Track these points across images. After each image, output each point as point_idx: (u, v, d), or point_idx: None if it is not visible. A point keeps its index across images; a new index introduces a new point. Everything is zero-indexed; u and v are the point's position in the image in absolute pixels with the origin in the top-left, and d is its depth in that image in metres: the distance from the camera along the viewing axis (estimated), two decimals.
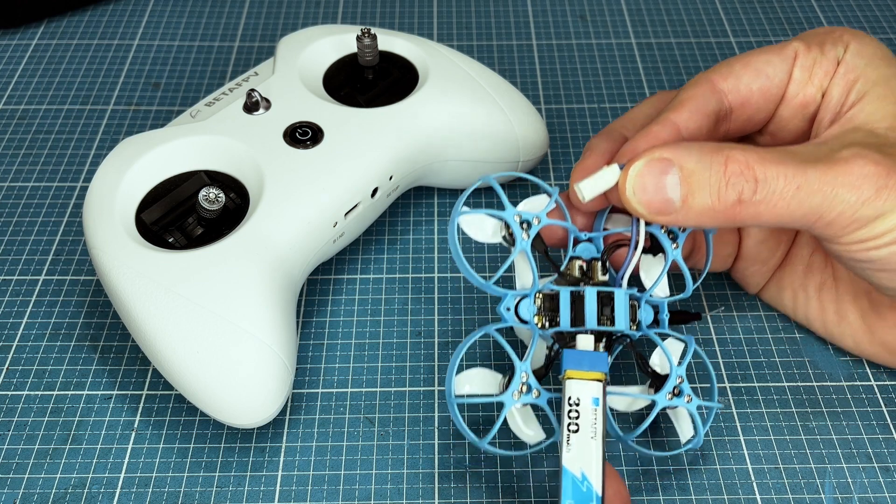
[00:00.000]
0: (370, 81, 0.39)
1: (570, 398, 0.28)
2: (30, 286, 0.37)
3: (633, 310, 0.30)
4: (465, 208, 0.30)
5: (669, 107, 0.30)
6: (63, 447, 0.32)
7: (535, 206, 0.31)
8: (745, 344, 0.35)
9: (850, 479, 0.31)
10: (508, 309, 0.30)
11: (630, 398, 0.31)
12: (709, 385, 0.33)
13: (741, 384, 0.33)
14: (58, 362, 0.34)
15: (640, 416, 0.33)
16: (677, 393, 0.30)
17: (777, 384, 0.34)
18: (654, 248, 0.31)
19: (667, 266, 0.31)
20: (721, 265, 0.35)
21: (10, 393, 0.33)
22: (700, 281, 0.32)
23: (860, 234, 0.27)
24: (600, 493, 0.26)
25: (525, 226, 0.30)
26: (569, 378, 0.28)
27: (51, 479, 0.31)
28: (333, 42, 0.40)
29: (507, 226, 0.30)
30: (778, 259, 0.34)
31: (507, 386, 0.29)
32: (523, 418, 0.30)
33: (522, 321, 0.30)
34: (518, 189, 0.41)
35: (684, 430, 0.31)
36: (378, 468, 0.31)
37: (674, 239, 0.30)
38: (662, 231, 0.30)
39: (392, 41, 0.40)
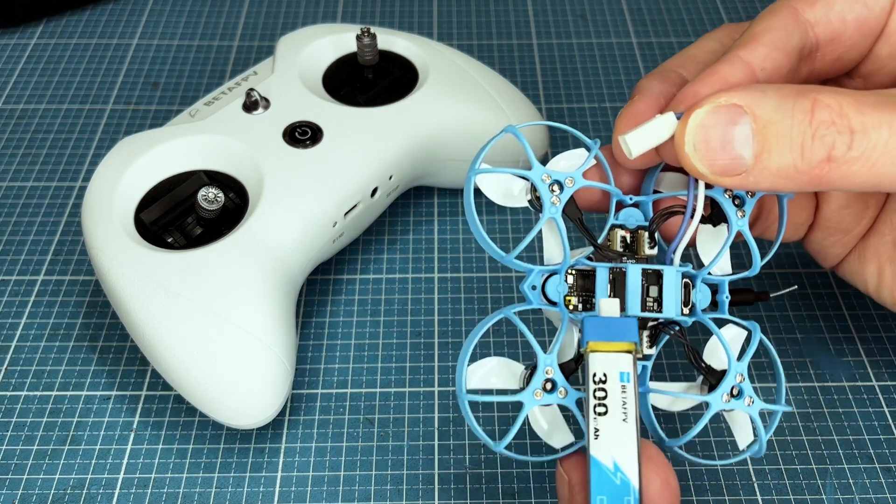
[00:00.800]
0: (370, 81, 0.39)
1: (594, 375, 0.23)
2: (29, 286, 0.37)
3: (686, 290, 0.26)
4: (485, 165, 0.26)
5: (740, 41, 0.25)
6: (62, 448, 0.32)
7: (570, 164, 0.26)
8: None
9: (851, 480, 0.31)
10: (534, 287, 0.25)
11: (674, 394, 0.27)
12: (768, 378, 0.29)
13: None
14: (57, 362, 0.34)
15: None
16: (736, 394, 0.25)
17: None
18: (714, 216, 0.26)
19: (730, 239, 0.25)
20: (792, 234, 0.30)
21: (8, 393, 0.33)
22: (770, 256, 0.27)
23: None
24: (637, 485, 0.22)
25: (556, 188, 0.25)
26: (592, 351, 0.23)
27: (49, 480, 0.31)
28: (333, 41, 0.40)
29: (534, 188, 0.25)
30: (864, 227, 0.29)
31: (528, 381, 0.25)
32: (547, 420, 0.26)
33: (551, 302, 0.26)
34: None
35: (741, 433, 0.26)
36: (378, 469, 0.31)
37: (740, 205, 0.25)
38: (726, 196, 0.25)
39: (392, 40, 0.40)
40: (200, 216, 0.33)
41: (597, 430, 0.22)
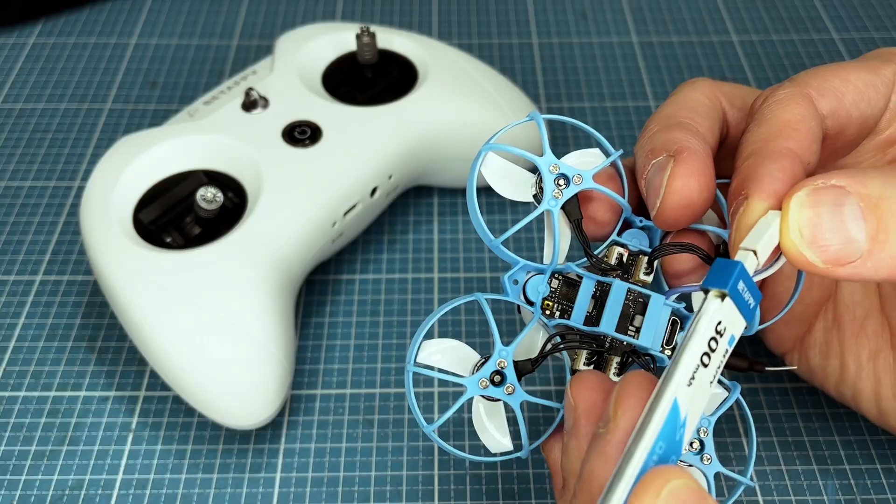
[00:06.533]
0: (369, 80, 0.39)
1: (719, 322, 0.20)
2: (27, 286, 0.37)
3: (673, 329, 0.24)
4: (500, 141, 0.24)
5: (779, 132, 0.22)
6: (60, 448, 0.31)
7: (585, 163, 0.24)
8: (746, 343, 0.35)
9: (852, 481, 0.31)
10: (516, 282, 0.24)
11: None
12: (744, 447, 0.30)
13: (742, 384, 0.33)
14: (55, 363, 0.34)
15: None
16: (696, 448, 0.23)
17: (779, 385, 0.33)
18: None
19: None
20: (784, 344, 0.30)
21: (7, 394, 0.33)
22: (777, 318, 0.25)
23: None
24: (685, 449, 0.19)
25: (562, 181, 0.23)
26: (723, 296, 0.20)
27: (48, 481, 0.31)
28: (332, 40, 0.40)
29: (541, 179, 0.24)
30: (807, 318, 0.29)
31: (478, 369, 0.23)
32: (489, 414, 0.24)
33: (528, 301, 0.24)
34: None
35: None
36: (377, 470, 0.31)
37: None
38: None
39: (391, 39, 0.40)
40: (199, 216, 0.33)
41: (692, 378, 0.19)
